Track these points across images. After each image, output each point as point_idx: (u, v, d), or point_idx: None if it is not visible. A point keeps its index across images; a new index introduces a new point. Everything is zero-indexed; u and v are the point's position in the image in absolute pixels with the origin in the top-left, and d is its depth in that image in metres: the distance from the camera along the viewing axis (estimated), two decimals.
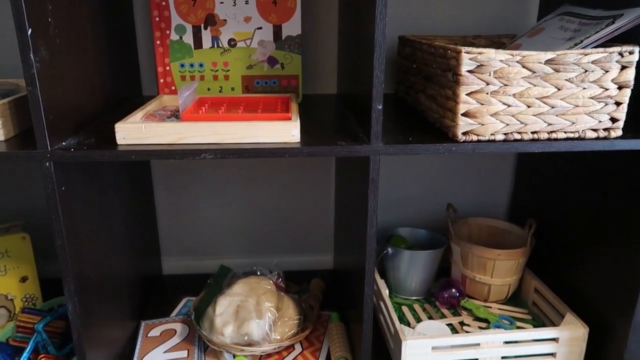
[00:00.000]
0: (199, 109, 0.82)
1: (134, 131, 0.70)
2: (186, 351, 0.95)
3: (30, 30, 0.62)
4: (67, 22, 0.72)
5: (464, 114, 0.70)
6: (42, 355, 0.85)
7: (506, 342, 0.89)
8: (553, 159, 1.06)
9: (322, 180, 1.21)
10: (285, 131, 0.71)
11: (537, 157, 1.13)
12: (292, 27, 0.97)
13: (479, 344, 0.88)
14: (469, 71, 0.69)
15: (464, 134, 0.71)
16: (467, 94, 0.70)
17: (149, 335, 1.00)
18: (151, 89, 1.10)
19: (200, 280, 1.20)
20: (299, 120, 0.72)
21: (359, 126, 0.80)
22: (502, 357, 0.90)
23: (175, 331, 1.01)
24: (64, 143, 0.71)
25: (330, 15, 1.08)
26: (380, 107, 0.68)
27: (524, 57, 0.68)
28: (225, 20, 0.96)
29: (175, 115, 0.81)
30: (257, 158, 0.76)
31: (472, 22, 1.12)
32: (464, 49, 0.68)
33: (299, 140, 0.72)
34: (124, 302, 0.97)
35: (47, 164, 0.67)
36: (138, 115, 0.77)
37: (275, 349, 0.93)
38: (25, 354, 0.85)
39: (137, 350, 0.96)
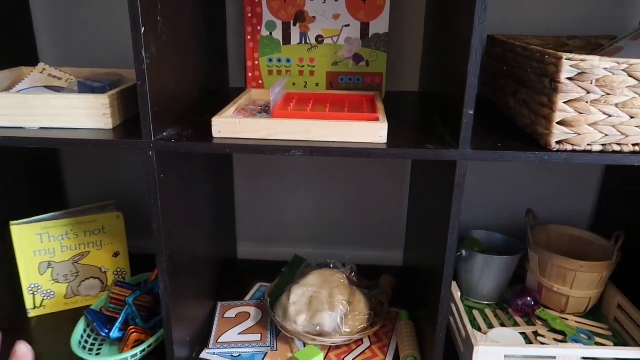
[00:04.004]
0: (288, 104, 0.85)
1: (229, 125, 0.74)
2: (259, 335, 1.00)
3: (143, 29, 0.67)
4: (172, 19, 0.77)
5: (559, 123, 0.68)
6: (131, 327, 0.92)
7: (585, 358, 0.86)
8: None
9: (397, 176, 1.22)
10: (373, 132, 0.72)
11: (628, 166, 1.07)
12: (380, 25, 0.97)
13: (554, 357, 0.86)
14: (568, 78, 0.66)
15: (558, 142, 0.69)
16: (564, 102, 0.67)
17: (225, 315, 1.06)
18: (237, 80, 1.14)
19: (273, 267, 1.24)
20: (386, 122, 0.73)
21: (445, 128, 0.79)
22: None
23: (250, 314, 1.06)
24: (164, 134, 0.76)
25: (417, 13, 1.07)
26: (471, 112, 0.68)
27: (631, 65, 0.65)
28: (314, 17, 0.97)
29: (265, 110, 0.84)
30: (344, 157, 0.77)
31: (567, 22, 1.07)
32: (564, 55, 0.66)
33: (385, 141, 0.73)
34: (204, 283, 1.03)
35: (150, 153, 0.72)
36: (231, 109, 0.81)
37: (345, 341, 0.95)
38: (117, 324, 0.93)
39: (214, 329, 1.01)
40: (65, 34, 1.15)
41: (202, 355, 0.94)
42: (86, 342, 0.95)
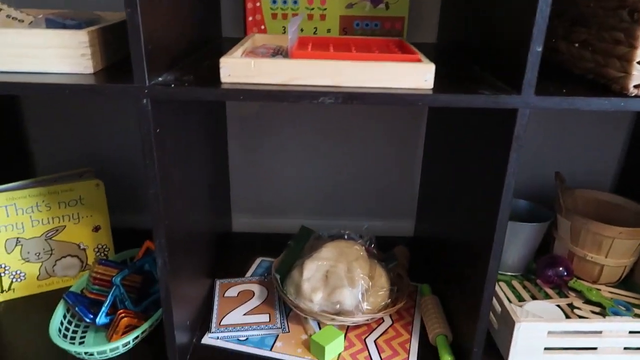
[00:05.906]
0: (305, 48, 0.71)
1: (241, 68, 0.60)
2: (267, 315, 0.88)
3: None
4: None
5: None
6: (121, 311, 0.79)
7: (632, 332, 0.78)
8: None
9: (410, 136, 1.10)
10: (419, 75, 0.60)
11: None
12: None
13: (600, 332, 0.78)
14: None
15: (637, 86, 0.59)
16: None
17: (225, 295, 0.94)
18: (233, 29, 0.99)
19: (272, 240, 1.13)
20: (433, 64, 0.61)
21: (491, 75, 0.68)
22: (624, 348, 0.79)
23: (254, 293, 0.95)
24: (160, 79, 0.62)
25: None
26: (539, 49, 0.56)
27: None
28: None
29: (280, 53, 0.70)
30: (383, 105, 0.65)
31: None
32: None
33: (432, 87, 0.61)
34: (201, 259, 0.90)
35: (145, 100, 0.58)
36: (238, 52, 0.67)
37: (367, 320, 0.84)
38: (104, 308, 0.80)
39: (215, 310, 0.89)
40: None
41: (204, 341, 0.83)
42: (67, 329, 0.81)
